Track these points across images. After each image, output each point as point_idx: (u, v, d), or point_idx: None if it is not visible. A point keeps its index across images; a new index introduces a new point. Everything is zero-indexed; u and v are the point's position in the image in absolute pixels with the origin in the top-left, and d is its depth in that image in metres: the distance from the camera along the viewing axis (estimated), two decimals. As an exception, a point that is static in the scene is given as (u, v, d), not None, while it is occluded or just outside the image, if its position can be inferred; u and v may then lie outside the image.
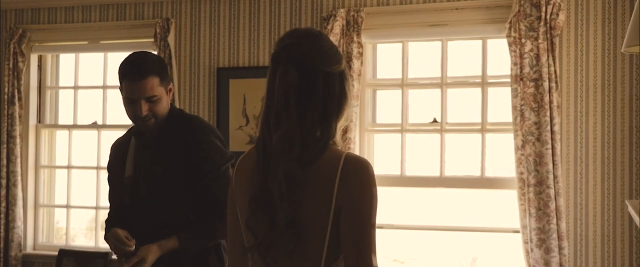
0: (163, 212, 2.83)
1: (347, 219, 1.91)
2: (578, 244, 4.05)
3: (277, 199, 1.91)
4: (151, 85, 2.76)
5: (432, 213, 5.05)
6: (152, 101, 2.78)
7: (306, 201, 1.91)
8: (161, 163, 2.85)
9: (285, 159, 1.90)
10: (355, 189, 1.91)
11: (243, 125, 4.61)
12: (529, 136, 3.95)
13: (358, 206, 1.91)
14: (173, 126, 2.89)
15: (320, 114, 1.94)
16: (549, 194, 3.91)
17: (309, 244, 1.93)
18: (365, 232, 1.92)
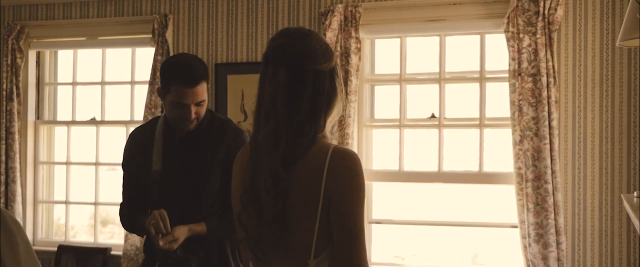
0: (192, 209, 2.88)
1: (337, 211, 1.95)
2: (576, 239, 4.06)
3: (263, 193, 1.96)
4: (201, 90, 2.82)
5: (430, 208, 5.06)
6: (200, 105, 2.84)
7: (295, 193, 1.96)
8: (196, 160, 2.91)
9: (271, 155, 1.95)
10: (343, 180, 1.95)
11: (241, 121, 4.61)
12: (527, 131, 3.95)
13: (346, 197, 1.95)
14: (208, 125, 2.96)
15: (308, 110, 1.97)
16: (547, 189, 3.91)
17: (298, 236, 1.97)
18: (354, 224, 1.96)
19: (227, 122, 3.04)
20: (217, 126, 2.97)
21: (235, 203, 2.10)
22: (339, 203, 1.95)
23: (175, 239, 2.77)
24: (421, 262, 4.64)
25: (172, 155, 2.94)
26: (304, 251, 1.98)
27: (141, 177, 2.98)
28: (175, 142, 2.95)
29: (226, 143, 2.92)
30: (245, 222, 2.04)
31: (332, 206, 1.96)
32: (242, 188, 2.05)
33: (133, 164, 3.03)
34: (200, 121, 2.91)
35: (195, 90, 2.79)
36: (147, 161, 2.95)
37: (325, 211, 1.95)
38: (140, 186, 2.98)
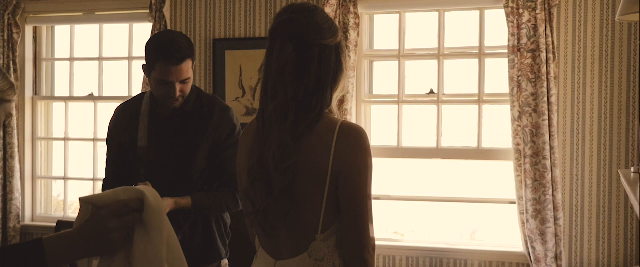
0: (178, 185, 2.88)
1: (344, 186, 1.99)
2: (573, 215, 4.07)
3: (271, 167, 1.99)
4: (186, 68, 2.82)
5: (429, 184, 5.07)
6: (184, 83, 2.84)
7: (302, 168, 1.99)
8: (182, 136, 2.92)
9: (279, 129, 1.99)
10: (351, 155, 1.98)
11: (240, 97, 4.59)
12: (526, 107, 3.94)
13: (354, 172, 1.99)
14: (195, 102, 2.96)
15: (315, 85, 2.01)
16: (545, 165, 3.91)
17: (306, 209, 2.00)
18: (362, 201, 2.00)
19: (214, 99, 3.04)
20: (204, 103, 2.97)
21: (243, 178, 2.13)
22: (347, 178, 1.98)
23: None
24: (420, 238, 4.66)
25: (158, 131, 2.94)
26: (312, 225, 2.01)
27: (127, 153, 2.98)
28: (161, 118, 2.95)
29: (213, 120, 2.93)
30: (253, 196, 2.07)
31: (340, 181, 1.98)
32: (250, 163, 2.08)
33: (118, 139, 3.04)
34: (186, 98, 2.91)
35: (180, 68, 2.78)
36: (133, 137, 2.96)
37: (332, 186, 1.98)
38: (126, 162, 2.99)
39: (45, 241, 1.56)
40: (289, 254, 2.05)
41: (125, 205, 1.59)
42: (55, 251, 1.56)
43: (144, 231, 1.61)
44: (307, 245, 2.02)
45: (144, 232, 1.61)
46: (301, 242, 2.03)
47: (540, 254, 3.97)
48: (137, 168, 2.94)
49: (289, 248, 2.05)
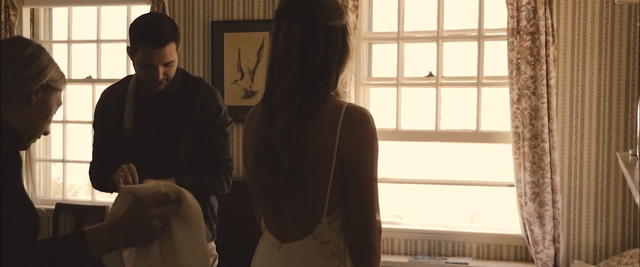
0: (163, 167, 2.88)
1: (349, 169, 2.00)
2: (572, 198, 4.06)
3: (280, 149, 2.00)
4: (170, 51, 2.80)
5: (428, 167, 5.07)
6: (168, 66, 2.83)
7: (309, 150, 2.00)
8: (168, 118, 2.91)
9: (287, 111, 1.99)
10: (356, 138, 1.99)
11: (238, 80, 4.58)
12: (525, 89, 3.93)
13: (359, 155, 2.00)
14: (181, 85, 2.95)
15: (321, 67, 2.02)
16: (544, 148, 3.91)
17: (312, 192, 2.01)
18: (367, 184, 2.01)
19: (199, 81, 3.04)
20: (189, 86, 2.96)
21: (249, 160, 2.14)
22: (352, 161, 1.99)
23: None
24: (418, 221, 4.66)
25: (144, 113, 2.94)
26: (317, 208, 2.02)
27: (113, 136, 2.98)
28: (146, 101, 2.94)
29: (199, 102, 2.92)
30: (261, 178, 2.07)
31: (345, 163, 1.99)
32: (257, 144, 2.08)
33: (104, 122, 3.03)
34: (171, 81, 2.89)
35: (163, 51, 2.76)
36: (118, 119, 2.95)
37: (338, 168, 1.99)
38: (112, 145, 2.98)
39: (87, 232, 1.63)
40: (295, 236, 2.06)
41: (165, 196, 1.68)
42: (97, 241, 1.62)
43: (183, 224, 1.71)
44: (312, 228, 2.03)
45: (184, 225, 1.71)
46: (306, 225, 2.04)
47: (538, 236, 3.97)
48: (122, 151, 2.93)
49: (294, 231, 2.07)
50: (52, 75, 1.80)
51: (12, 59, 1.76)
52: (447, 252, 4.29)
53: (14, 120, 1.75)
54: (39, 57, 1.79)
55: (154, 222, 1.65)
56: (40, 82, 1.77)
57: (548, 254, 3.99)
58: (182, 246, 1.71)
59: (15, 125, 1.75)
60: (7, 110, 1.74)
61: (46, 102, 1.80)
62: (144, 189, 1.70)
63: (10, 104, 1.74)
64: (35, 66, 1.76)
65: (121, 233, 1.65)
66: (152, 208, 1.66)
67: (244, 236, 3.07)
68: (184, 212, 1.72)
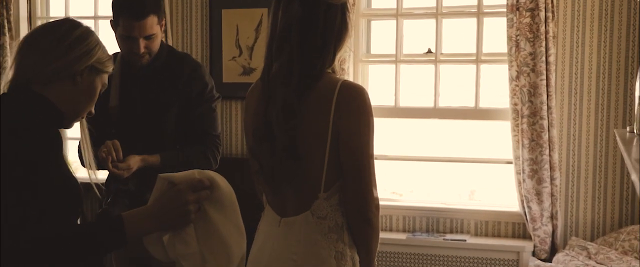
0: (150, 143, 2.88)
1: (345, 145, 2.01)
2: (570, 175, 4.07)
3: (275, 126, 2.02)
4: (150, 24, 2.80)
5: (427, 144, 5.07)
6: (149, 39, 2.82)
7: (304, 127, 2.01)
8: (154, 94, 2.92)
9: (284, 87, 2.00)
10: (351, 114, 2.00)
11: (236, 56, 4.56)
12: (524, 66, 3.91)
13: (354, 131, 2.01)
14: (166, 60, 2.95)
15: (320, 44, 2.02)
16: (543, 125, 3.90)
17: (309, 168, 2.03)
18: (363, 161, 2.02)
19: (185, 56, 3.05)
20: (174, 61, 2.96)
21: (249, 137, 2.16)
22: (347, 137, 2.00)
23: (128, 168, 2.79)
24: (417, 198, 4.67)
25: (130, 90, 2.95)
26: (315, 184, 2.04)
27: (99, 113, 2.97)
28: (132, 77, 2.95)
29: (183, 78, 2.93)
30: (259, 155, 2.09)
31: (341, 141, 2.01)
32: (255, 122, 2.10)
33: None
34: (155, 56, 2.89)
35: (143, 24, 2.77)
36: (104, 97, 2.94)
37: (333, 145, 2.01)
38: (98, 122, 2.97)
39: (124, 216, 1.69)
40: (294, 211, 2.09)
41: (199, 182, 1.75)
42: (134, 225, 1.69)
43: (217, 209, 1.78)
44: (310, 203, 2.06)
45: (219, 210, 1.79)
46: (304, 201, 2.06)
47: (536, 213, 3.99)
48: (109, 128, 2.93)
49: (293, 206, 2.09)
50: (98, 57, 1.84)
51: (60, 40, 1.80)
52: (445, 229, 4.31)
53: (58, 99, 1.79)
54: (86, 39, 1.82)
55: (189, 207, 1.72)
56: (86, 64, 1.80)
57: (546, 230, 4.00)
58: (219, 229, 1.78)
59: (59, 105, 1.79)
60: (52, 90, 1.78)
61: (91, 83, 1.84)
62: (178, 176, 1.76)
63: (55, 83, 1.78)
64: (82, 47, 1.80)
65: (157, 217, 1.72)
66: (187, 194, 1.72)
67: (247, 211, 3.08)
68: (218, 197, 1.78)
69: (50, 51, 1.78)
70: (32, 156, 1.66)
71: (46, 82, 1.77)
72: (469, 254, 4.12)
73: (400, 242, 4.22)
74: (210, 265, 1.78)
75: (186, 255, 1.76)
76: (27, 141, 1.67)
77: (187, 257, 1.77)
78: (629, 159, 1.92)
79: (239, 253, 1.83)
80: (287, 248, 2.09)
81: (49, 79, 1.77)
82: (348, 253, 2.09)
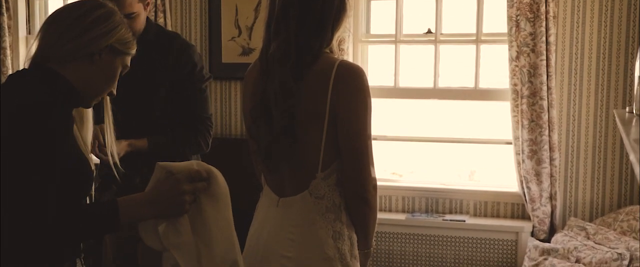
0: (138, 127, 2.84)
1: (342, 126, 2.01)
2: (569, 156, 4.07)
3: (273, 105, 2.02)
4: (129, 2, 2.76)
5: (426, 125, 5.06)
6: (130, 18, 2.77)
7: (302, 107, 2.01)
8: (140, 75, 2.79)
9: (282, 67, 2.00)
10: (348, 95, 2.00)
11: (235, 37, 4.54)
12: (524, 46, 3.90)
13: (352, 112, 2.01)
14: (155, 39, 2.91)
15: (317, 25, 2.02)
16: (542, 105, 3.90)
17: (306, 148, 2.04)
18: (361, 141, 2.03)
19: (174, 36, 2.99)
20: (163, 40, 2.92)
21: (247, 116, 2.16)
22: (345, 117, 2.00)
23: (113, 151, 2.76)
24: (418, 179, 4.67)
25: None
26: (312, 164, 2.05)
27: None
28: None
29: (171, 58, 2.87)
30: (257, 134, 2.10)
31: (338, 121, 2.01)
32: (253, 101, 2.10)
33: None
34: (142, 35, 2.84)
35: (121, 2, 2.71)
36: None
37: (331, 125, 2.01)
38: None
39: (120, 202, 1.71)
40: (291, 191, 2.10)
41: (197, 172, 1.76)
42: (128, 211, 1.71)
43: (212, 202, 1.80)
44: (308, 183, 2.06)
45: (214, 203, 1.80)
46: (302, 181, 2.07)
47: (535, 194, 3.99)
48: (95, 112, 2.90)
49: (291, 186, 2.10)
50: (119, 37, 1.84)
51: (79, 19, 1.81)
52: (444, 209, 4.32)
53: (74, 78, 1.80)
54: (107, 19, 1.83)
55: (185, 196, 1.74)
56: (105, 43, 1.81)
57: (545, 211, 4.01)
58: (211, 223, 1.79)
59: (75, 83, 1.80)
60: (69, 68, 1.79)
61: (110, 63, 1.85)
62: (177, 166, 1.78)
63: (73, 62, 1.80)
64: (102, 27, 1.81)
65: (152, 205, 1.74)
66: (184, 183, 1.74)
67: (245, 191, 3.07)
68: (214, 190, 1.80)
69: (69, 30, 1.79)
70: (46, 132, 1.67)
71: (64, 60, 1.79)
72: (468, 235, 4.13)
73: (400, 222, 4.23)
74: (203, 257, 1.78)
75: (179, 244, 1.77)
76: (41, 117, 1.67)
77: (179, 247, 1.77)
78: (627, 140, 1.92)
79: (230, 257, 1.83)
80: (285, 228, 2.10)
81: (66, 57, 1.79)
82: (346, 233, 2.10)
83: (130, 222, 1.74)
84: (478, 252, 4.13)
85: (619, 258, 3.51)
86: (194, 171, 1.77)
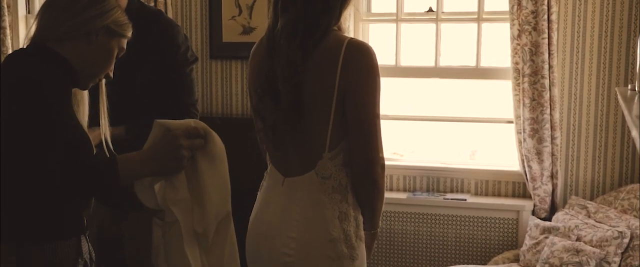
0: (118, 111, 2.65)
1: (351, 105, 1.99)
2: (570, 134, 4.06)
3: (280, 82, 1.99)
4: None
5: (427, 104, 5.06)
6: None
7: (310, 85, 1.99)
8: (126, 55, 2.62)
9: (289, 44, 1.98)
10: (357, 73, 1.98)
11: (236, 15, 4.52)
12: (526, 25, 3.88)
13: (361, 91, 1.99)
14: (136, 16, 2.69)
15: (326, 1, 2.00)
16: (544, 84, 3.89)
17: (313, 127, 2.02)
18: (370, 120, 2.01)
19: (157, 14, 2.81)
20: (144, 20, 2.64)
21: (252, 94, 2.13)
22: (354, 97, 1.98)
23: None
24: (419, 158, 4.67)
25: None
26: (319, 143, 2.03)
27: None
28: None
29: (154, 37, 2.66)
30: (263, 112, 2.08)
31: (347, 98, 1.98)
32: (260, 79, 2.08)
33: None
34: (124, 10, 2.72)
35: None
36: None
37: (339, 103, 1.99)
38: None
39: (118, 158, 1.74)
40: (297, 171, 2.08)
41: (195, 129, 1.78)
42: (127, 167, 1.73)
43: (208, 161, 1.80)
44: (315, 163, 2.04)
45: (210, 162, 1.81)
46: (309, 160, 2.05)
47: (536, 172, 3.99)
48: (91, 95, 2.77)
49: (297, 165, 2.08)
50: (115, 19, 1.90)
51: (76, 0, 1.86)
52: (445, 188, 4.32)
53: (71, 56, 1.85)
54: (102, 1, 1.89)
55: (183, 151, 1.75)
56: (100, 24, 1.87)
57: (546, 190, 4.01)
58: (208, 181, 1.80)
59: (73, 62, 1.85)
60: (67, 47, 1.85)
61: (106, 44, 1.89)
62: (175, 123, 1.79)
63: (70, 41, 1.85)
64: (98, 8, 1.87)
65: (151, 160, 1.76)
66: (181, 139, 1.75)
67: (248, 171, 3.03)
68: (210, 149, 1.81)
69: (65, 11, 1.85)
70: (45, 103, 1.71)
71: (61, 39, 1.84)
72: (469, 213, 4.14)
73: (401, 201, 4.24)
74: (197, 215, 1.80)
75: (176, 201, 1.79)
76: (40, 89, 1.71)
77: (177, 204, 1.79)
78: (629, 116, 1.92)
79: (224, 209, 1.85)
80: (290, 208, 2.08)
81: (63, 36, 1.84)
82: (352, 213, 2.08)
83: (130, 178, 1.75)
84: (479, 231, 4.15)
85: (619, 236, 3.52)
86: (192, 128, 1.78)
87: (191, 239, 1.81)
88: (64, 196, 1.70)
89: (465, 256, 4.18)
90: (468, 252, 4.17)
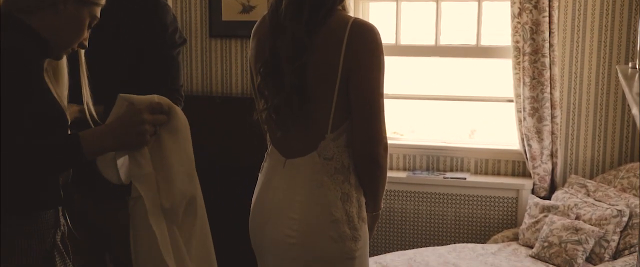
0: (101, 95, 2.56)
1: (355, 85, 1.98)
2: (571, 113, 4.06)
3: (285, 62, 1.97)
4: None
5: (427, 82, 5.05)
6: None
7: (314, 65, 1.97)
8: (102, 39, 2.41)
9: (293, 24, 1.96)
10: (362, 53, 1.96)
11: (235, -6, 4.50)
12: (526, 3, 3.86)
13: (365, 70, 1.98)
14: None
15: None
16: (544, 62, 3.88)
17: (316, 107, 2.00)
18: (374, 100, 1.99)
19: None
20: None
21: (255, 74, 2.11)
22: (358, 76, 1.97)
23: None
24: (419, 137, 4.67)
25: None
26: (322, 124, 2.01)
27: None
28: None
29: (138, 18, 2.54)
30: (265, 92, 2.06)
31: (351, 79, 1.97)
32: (262, 59, 2.05)
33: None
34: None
35: None
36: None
37: (343, 84, 1.98)
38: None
39: (81, 136, 1.71)
40: (299, 152, 2.07)
41: (158, 104, 1.79)
42: (91, 142, 1.71)
43: (172, 136, 1.81)
44: (317, 144, 2.03)
45: (174, 137, 1.82)
46: (311, 141, 2.04)
47: (536, 151, 4.00)
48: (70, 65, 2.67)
49: (299, 146, 2.06)
50: None
51: None
52: (445, 167, 4.33)
53: (40, 27, 1.79)
54: None
55: (146, 126, 1.75)
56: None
57: (545, 168, 4.02)
58: (171, 156, 1.81)
59: (42, 33, 1.79)
60: (35, 18, 1.79)
61: (76, 14, 1.83)
62: (138, 98, 1.79)
63: (38, 12, 1.79)
64: None
65: (114, 135, 1.75)
66: (144, 113, 1.75)
67: (249, 150, 3.02)
68: (174, 124, 1.82)
69: None
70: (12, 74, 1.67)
71: (29, 10, 1.78)
72: (469, 192, 4.15)
73: (401, 180, 4.25)
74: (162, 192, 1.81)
75: (140, 176, 1.79)
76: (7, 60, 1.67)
77: (140, 179, 1.79)
78: (629, 93, 1.91)
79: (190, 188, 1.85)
80: (292, 189, 2.07)
81: (31, 6, 1.79)
82: (354, 195, 2.07)
83: (95, 153, 1.75)
84: (479, 210, 4.16)
85: (618, 215, 3.53)
86: (155, 103, 1.78)
87: (157, 213, 1.80)
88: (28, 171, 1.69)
89: (465, 234, 4.19)
90: (467, 231, 4.19)
